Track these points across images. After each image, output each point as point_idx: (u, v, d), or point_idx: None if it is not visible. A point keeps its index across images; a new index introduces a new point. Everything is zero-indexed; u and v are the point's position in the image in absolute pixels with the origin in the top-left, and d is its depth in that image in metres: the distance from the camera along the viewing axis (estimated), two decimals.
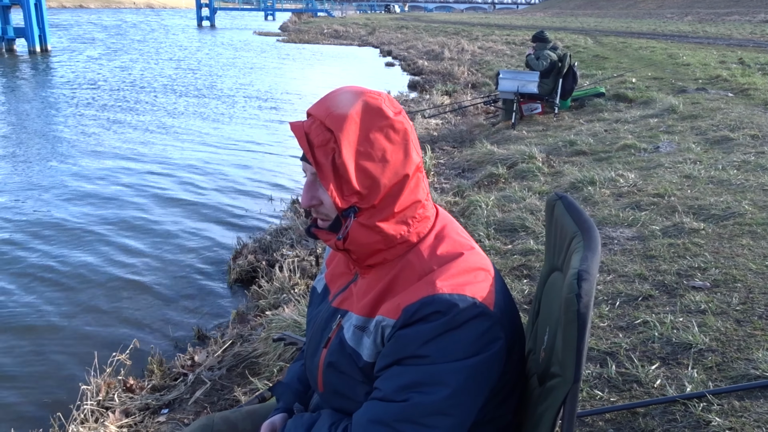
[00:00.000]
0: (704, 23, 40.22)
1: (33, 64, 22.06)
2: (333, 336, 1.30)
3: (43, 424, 3.22)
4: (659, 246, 3.69)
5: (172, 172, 8.39)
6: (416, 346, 1.13)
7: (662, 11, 56.45)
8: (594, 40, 24.65)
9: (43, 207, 6.88)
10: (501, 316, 1.19)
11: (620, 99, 9.55)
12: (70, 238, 6.00)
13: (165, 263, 5.49)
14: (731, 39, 24.24)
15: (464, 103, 11.70)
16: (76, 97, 14.47)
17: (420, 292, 1.16)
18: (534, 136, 7.90)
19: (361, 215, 1.21)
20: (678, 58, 15.38)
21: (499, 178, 6.09)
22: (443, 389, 1.11)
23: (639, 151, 6.29)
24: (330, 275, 1.44)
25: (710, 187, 4.78)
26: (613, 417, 2.21)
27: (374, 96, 1.21)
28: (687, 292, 3.05)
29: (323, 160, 1.18)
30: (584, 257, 1.09)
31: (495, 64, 17.60)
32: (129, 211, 6.81)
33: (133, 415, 3.15)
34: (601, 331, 2.81)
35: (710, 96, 9.18)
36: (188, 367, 3.57)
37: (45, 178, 8.02)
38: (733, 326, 2.67)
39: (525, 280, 3.53)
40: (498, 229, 4.51)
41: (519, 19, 58.21)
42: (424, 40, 30.03)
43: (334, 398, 1.32)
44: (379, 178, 1.19)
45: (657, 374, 2.40)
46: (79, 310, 4.66)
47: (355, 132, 1.17)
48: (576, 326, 1.01)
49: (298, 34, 43.06)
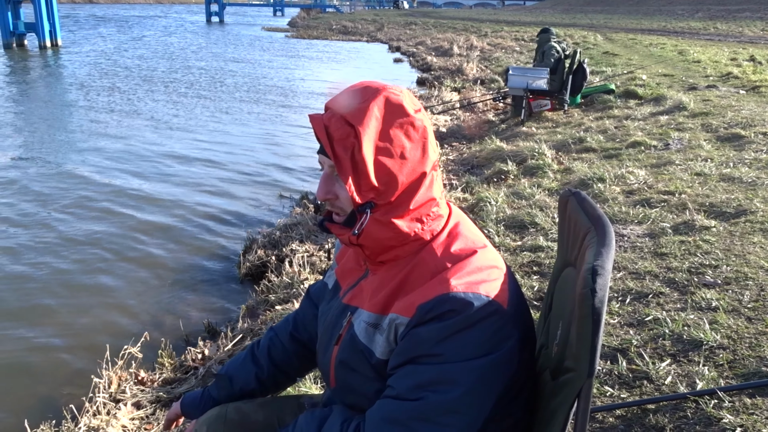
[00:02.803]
0: (715, 20, 39.92)
1: (43, 59, 22.17)
2: (344, 333, 1.30)
3: (56, 415, 3.25)
4: (670, 243, 3.68)
5: (181, 168, 8.43)
6: (430, 344, 1.13)
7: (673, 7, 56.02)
8: (604, 37, 24.54)
9: (56, 200, 6.92)
10: (514, 314, 1.19)
11: (630, 96, 9.50)
12: (80, 232, 6.04)
13: (175, 258, 5.53)
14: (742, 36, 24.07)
15: (473, 100, 11.68)
16: (87, 91, 14.53)
17: (434, 290, 1.16)
18: (543, 132, 7.88)
19: (377, 211, 1.21)
20: (688, 54, 15.29)
21: (508, 174, 6.08)
22: (457, 388, 1.12)
23: (649, 148, 6.27)
24: (340, 271, 1.44)
25: (721, 184, 4.76)
26: (623, 413, 2.21)
27: (396, 92, 1.20)
28: (698, 289, 3.05)
29: (342, 154, 1.17)
30: (598, 252, 1.09)
31: (504, 60, 17.56)
32: (138, 206, 6.84)
33: (144, 408, 3.18)
34: (612, 327, 2.81)
35: (721, 93, 9.12)
36: (199, 361, 3.59)
37: (56, 169, 8.07)
38: (744, 323, 2.67)
39: (535, 277, 3.53)
40: (508, 226, 4.50)
41: (528, 16, 57.96)
42: (433, 36, 29.98)
43: (346, 394, 1.33)
44: (397, 175, 1.19)
45: (668, 371, 2.40)
46: (90, 304, 4.70)
47: (375, 128, 1.17)
48: (590, 321, 1.01)
49: (307, 30, 43.06)
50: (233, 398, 1.61)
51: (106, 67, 19.44)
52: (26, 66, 20.12)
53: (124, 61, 21.41)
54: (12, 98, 13.96)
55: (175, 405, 1.68)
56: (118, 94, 14.53)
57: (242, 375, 1.63)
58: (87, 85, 15.74)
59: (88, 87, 15.38)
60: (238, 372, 1.64)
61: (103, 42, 29.59)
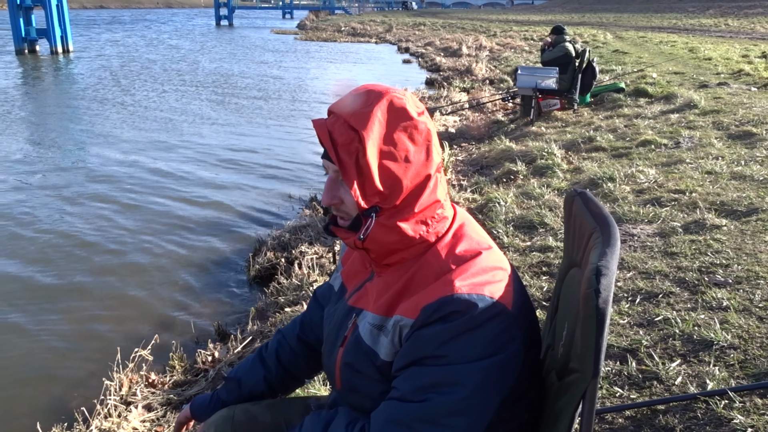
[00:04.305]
0: (726, 16, 39.62)
1: (55, 64, 22.37)
2: (349, 335, 1.31)
3: (68, 418, 3.28)
4: (680, 242, 3.65)
5: (190, 170, 8.47)
6: (435, 346, 1.13)
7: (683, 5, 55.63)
8: (613, 35, 24.41)
9: (65, 205, 6.98)
10: (518, 316, 1.19)
11: (640, 94, 9.44)
12: (89, 236, 6.08)
13: (185, 261, 5.56)
14: (754, 32, 23.87)
15: (482, 100, 11.66)
16: (99, 95, 14.64)
17: (438, 291, 1.16)
18: (553, 132, 7.85)
19: (382, 215, 1.21)
20: (699, 52, 15.18)
21: (517, 174, 6.07)
22: (461, 389, 1.12)
23: (659, 147, 6.23)
24: (346, 273, 1.45)
25: (732, 182, 4.72)
26: (633, 414, 2.20)
27: (399, 96, 1.20)
28: (709, 288, 3.02)
29: (347, 160, 1.17)
30: (603, 253, 1.08)
31: (513, 60, 17.51)
32: (147, 208, 6.89)
33: (155, 410, 3.19)
34: (621, 327, 2.79)
35: (732, 90, 9.05)
36: (209, 363, 3.61)
37: (63, 173, 8.14)
38: (755, 323, 2.64)
39: (544, 277, 3.51)
40: (517, 226, 4.49)
41: (537, 15, 57.79)
42: (442, 36, 29.96)
43: (352, 395, 1.33)
44: (402, 179, 1.19)
45: (678, 371, 2.38)
46: (100, 307, 4.73)
47: (379, 132, 1.17)
48: (595, 321, 1.01)
49: (316, 31, 43.18)
50: (242, 401, 1.62)
51: (117, 72, 19.59)
52: (39, 71, 20.31)
53: (136, 65, 21.56)
54: (25, 103, 14.10)
55: (185, 408, 1.69)
56: (129, 97, 14.63)
57: (251, 377, 1.64)
58: (99, 89, 15.86)
59: (99, 91, 15.50)
60: (246, 375, 1.65)
61: (114, 46, 29.82)
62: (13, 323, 4.52)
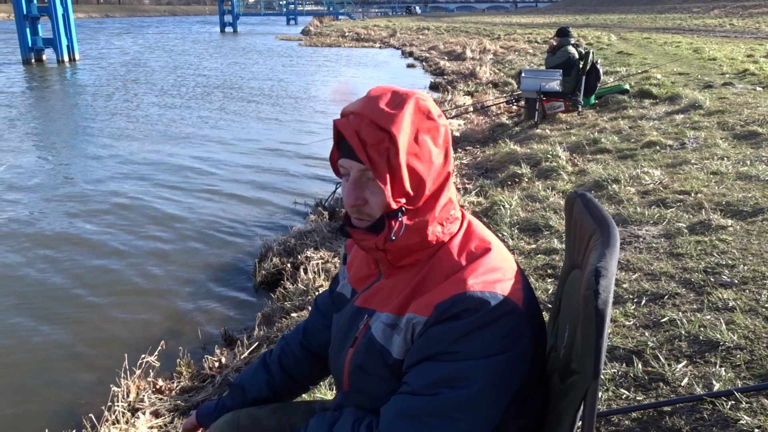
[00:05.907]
0: (731, 16, 39.49)
1: (61, 73, 22.50)
2: (360, 336, 1.31)
3: (76, 425, 3.30)
4: (686, 243, 3.65)
5: (195, 176, 8.50)
6: (448, 342, 1.15)
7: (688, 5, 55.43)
8: (618, 37, 24.37)
9: (72, 211, 7.02)
10: (528, 314, 1.21)
11: (645, 96, 9.43)
12: (94, 242, 6.12)
13: (192, 267, 5.58)
14: (759, 32, 23.78)
15: (487, 103, 11.65)
16: (105, 104, 14.73)
17: (451, 289, 1.18)
18: (557, 134, 7.85)
19: (406, 216, 1.22)
20: (704, 52, 15.13)
21: (522, 177, 6.07)
22: (473, 385, 1.13)
23: (664, 148, 6.22)
24: (353, 279, 1.45)
25: (738, 183, 4.71)
26: (639, 416, 2.19)
27: (423, 97, 1.23)
28: (714, 289, 3.02)
29: (378, 159, 1.17)
30: (602, 254, 1.09)
31: (517, 63, 17.51)
32: (154, 215, 6.92)
33: (162, 416, 3.20)
34: (627, 329, 2.79)
35: (737, 90, 9.02)
36: (216, 369, 3.62)
37: (74, 181, 8.19)
38: (762, 324, 2.64)
39: (549, 280, 3.51)
40: (522, 229, 4.49)
41: (541, 18, 57.75)
42: (446, 40, 29.98)
43: (359, 397, 1.34)
44: (426, 180, 1.20)
45: (684, 372, 2.38)
46: (107, 314, 4.75)
47: (408, 132, 1.18)
48: (594, 323, 1.01)
49: (320, 37, 43.23)
50: (246, 407, 1.63)
51: (123, 80, 19.67)
52: (45, 81, 20.42)
53: (141, 73, 21.65)
54: (32, 113, 14.19)
55: (191, 415, 1.71)
56: (135, 104, 14.70)
57: (255, 384, 1.66)
58: (105, 97, 15.94)
59: (106, 99, 15.57)
60: (250, 381, 1.67)
61: (120, 55, 29.95)
62: (21, 330, 4.54)
